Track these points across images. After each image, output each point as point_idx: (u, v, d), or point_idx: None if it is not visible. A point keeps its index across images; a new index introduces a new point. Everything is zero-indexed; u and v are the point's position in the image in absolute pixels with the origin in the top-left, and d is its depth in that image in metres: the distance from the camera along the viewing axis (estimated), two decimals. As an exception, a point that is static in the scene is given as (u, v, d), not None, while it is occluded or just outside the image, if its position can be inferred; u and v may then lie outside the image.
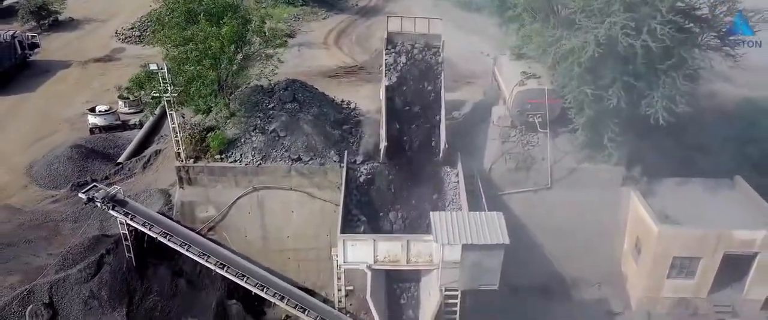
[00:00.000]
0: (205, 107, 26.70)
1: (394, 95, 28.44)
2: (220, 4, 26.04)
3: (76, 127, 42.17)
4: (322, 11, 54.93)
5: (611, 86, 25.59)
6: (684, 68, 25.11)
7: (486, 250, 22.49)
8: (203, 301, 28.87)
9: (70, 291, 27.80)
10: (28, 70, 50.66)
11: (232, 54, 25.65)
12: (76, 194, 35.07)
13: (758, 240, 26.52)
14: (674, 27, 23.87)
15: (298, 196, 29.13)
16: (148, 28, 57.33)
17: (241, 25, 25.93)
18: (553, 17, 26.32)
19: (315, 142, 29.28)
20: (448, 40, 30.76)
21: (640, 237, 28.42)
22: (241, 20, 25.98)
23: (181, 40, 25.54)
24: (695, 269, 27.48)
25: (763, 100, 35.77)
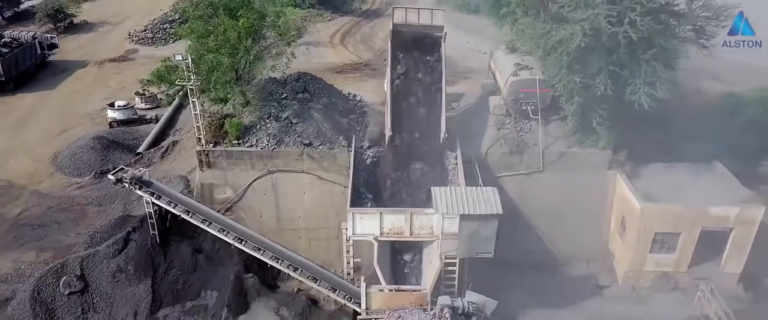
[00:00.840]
0: (223, 95, 29.16)
1: (399, 86, 30.91)
2: (237, 1, 28.71)
3: (95, 121, 44.68)
4: (328, 13, 57.74)
5: (598, 74, 28.10)
6: (663, 57, 27.62)
7: (482, 220, 24.91)
8: (221, 275, 31.26)
9: (99, 265, 30.20)
10: (47, 70, 53.31)
11: (248, 45, 28.19)
12: (100, 181, 37.93)
13: (732, 216, 28.97)
14: (653, 19, 26.42)
15: (309, 178, 31.64)
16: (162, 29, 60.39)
17: (257, 19, 28.58)
18: (544, 12, 28.92)
19: (324, 128, 31.85)
20: (448, 39, 33.34)
21: (625, 216, 30.88)
22: (256, 14, 28.62)
23: (203, 31, 28.18)
24: (675, 244, 29.90)
25: (743, 94, 38.16)
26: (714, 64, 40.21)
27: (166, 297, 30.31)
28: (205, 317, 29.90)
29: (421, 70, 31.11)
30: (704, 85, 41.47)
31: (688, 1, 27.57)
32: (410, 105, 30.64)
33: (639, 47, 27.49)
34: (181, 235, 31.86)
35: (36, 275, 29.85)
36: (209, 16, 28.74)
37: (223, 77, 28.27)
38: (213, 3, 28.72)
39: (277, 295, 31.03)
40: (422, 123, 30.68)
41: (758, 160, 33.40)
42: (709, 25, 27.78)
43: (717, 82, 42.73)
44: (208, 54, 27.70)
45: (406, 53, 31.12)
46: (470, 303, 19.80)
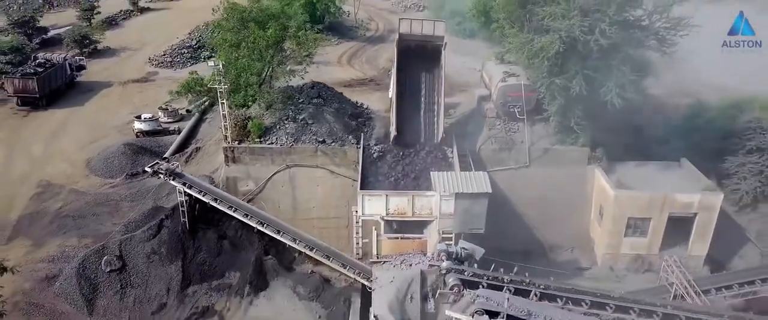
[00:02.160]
0: (253, 94, 33.76)
1: (403, 89, 35.57)
2: (266, 15, 33.64)
3: (122, 132, 49.18)
4: (335, 39, 63.04)
5: (574, 77, 32.73)
6: (631, 62, 32.31)
7: (474, 198, 29.17)
8: (243, 259, 35.26)
9: (136, 247, 34.29)
10: (76, 89, 58.13)
11: (272, 54, 32.97)
12: (131, 181, 42.31)
13: (695, 202, 33.21)
14: (620, 29, 31.21)
15: (322, 173, 35.97)
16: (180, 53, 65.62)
17: (281, 29, 33.47)
18: (527, 23, 33.75)
19: (336, 128, 36.38)
20: (447, 60, 37.87)
21: (602, 204, 35.10)
22: (281, 26, 33.51)
23: (235, 41, 33.02)
24: (647, 228, 34.04)
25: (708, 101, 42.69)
26: (693, 85, 45.14)
27: (194, 276, 34.27)
28: (229, 293, 33.80)
29: (423, 75, 35.77)
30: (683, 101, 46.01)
31: (650, 13, 32.39)
32: (412, 107, 35.20)
33: (609, 54, 32.16)
34: (207, 223, 35.99)
35: (80, 255, 33.95)
36: (240, 28, 33.63)
37: (250, 79, 32.87)
38: (244, 17, 33.68)
39: (293, 275, 34.96)
40: (423, 123, 35.20)
41: (721, 158, 37.58)
42: (669, 35, 32.45)
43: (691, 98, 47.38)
44: (239, 59, 32.40)
45: (410, 60, 35.78)
46: (463, 249, 23.82)
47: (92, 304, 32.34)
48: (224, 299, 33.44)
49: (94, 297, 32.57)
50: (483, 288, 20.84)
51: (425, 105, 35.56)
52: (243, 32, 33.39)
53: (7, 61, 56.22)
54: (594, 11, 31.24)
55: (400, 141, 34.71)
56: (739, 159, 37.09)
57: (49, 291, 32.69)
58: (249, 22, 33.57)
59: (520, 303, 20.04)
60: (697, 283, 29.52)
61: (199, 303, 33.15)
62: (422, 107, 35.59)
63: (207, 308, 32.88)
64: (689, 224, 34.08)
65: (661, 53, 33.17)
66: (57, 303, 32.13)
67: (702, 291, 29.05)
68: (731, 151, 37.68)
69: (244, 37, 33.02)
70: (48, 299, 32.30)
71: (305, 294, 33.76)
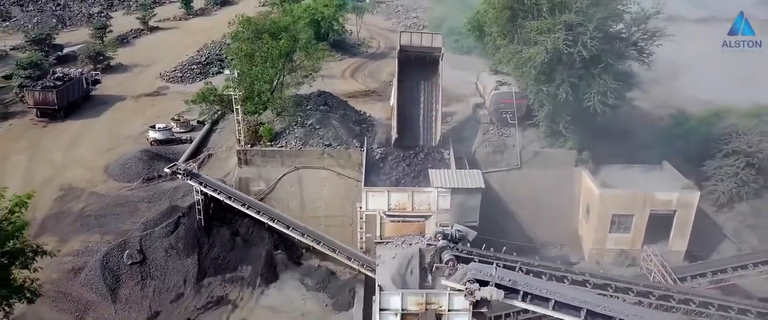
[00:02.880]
0: (265, 100, 36.95)
1: (404, 96, 38.76)
2: (278, 27, 36.99)
3: (137, 141, 52.26)
4: (338, 55, 66.58)
5: (560, 85, 35.94)
6: (612, 71, 35.52)
7: (468, 193, 32.17)
8: (254, 254, 38.06)
9: (155, 242, 37.12)
10: (91, 102, 61.34)
11: (283, 63, 36.26)
12: (147, 185, 45.25)
13: (674, 200, 36.18)
14: (601, 41, 34.48)
15: (328, 174, 38.96)
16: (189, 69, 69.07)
17: (292, 41, 36.82)
18: (516, 36, 37.02)
19: (341, 133, 39.49)
20: (446, 74, 41.06)
21: (589, 203, 38.04)
22: (292, 38, 36.84)
23: (249, 50, 36.33)
24: (630, 225, 36.94)
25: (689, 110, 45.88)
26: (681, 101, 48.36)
27: (209, 269, 37.04)
28: (242, 285, 36.54)
29: (422, 84, 39.00)
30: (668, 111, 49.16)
31: (628, 26, 35.72)
32: (412, 112, 38.37)
33: (591, 64, 35.40)
34: (221, 221, 38.90)
35: (103, 250, 36.77)
36: (254, 39, 36.97)
37: (263, 86, 36.11)
38: (258, 28, 37.04)
39: (301, 269, 37.76)
40: (422, 127, 38.36)
41: (700, 162, 40.62)
42: (647, 45, 35.73)
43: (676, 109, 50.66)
44: (254, 68, 35.69)
45: (410, 69, 39.02)
46: (457, 231, 26.65)
47: (115, 293, 35.05)
48: (237, 289, 36.17)
49: (117, 287, 35.30)
50: (474, 263, 23.67)
51: (424, 110, 38.73)
52: (257, 43, 36.71)
53: (26, 76, 59.50)
54: (577, 25, 34.52)
55: (400, 143, 37.78)
56: (716, 162, 40.07)
57: (75, 281, 35.44)
58: (263, 34, 36.94)
59: (507, 274, 22.86)
60: (674, 271, 32.29)
61: (214, 293, 35.85)
62: (421, 112, 38.77)
63: (221, 298, 35.58)
64: (669, 221, 36.97)
65: (640, 62, 36.33)
66: (83, 292, 34.87)
67: (678, 278, 31.80)
68: (710, 155, 40.70)
69: (258, 47, 36.33)
70: (74, 288, 35.04)
71: (312, 286, 36.53)
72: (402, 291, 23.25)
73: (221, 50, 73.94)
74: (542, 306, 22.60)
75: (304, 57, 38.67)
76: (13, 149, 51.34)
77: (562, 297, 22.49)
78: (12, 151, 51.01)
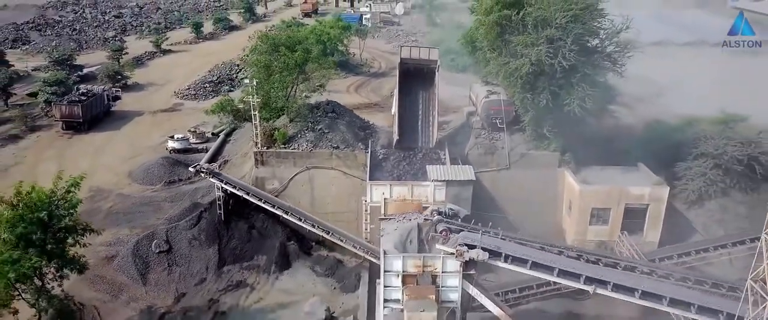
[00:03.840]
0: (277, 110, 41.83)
1: (405, 104, 43.64)
2: (293, 41, 42.13)
3: (156, 151, 57.12)
4: (343, 73, 71.86)
5: (542, 93, 40.76)
6: (589, 80, 40.36)
7: (461, 185, 36.79)
8: (269, 245, 42.50)
9: (179, 234, 41.60)
10: (111, 116, 66.49)
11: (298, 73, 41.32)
12: (169, 187, 49.90)
13: (646, 194, 40.67)
14: (578, 53, 39.40)
15: (336, 174, 43.54)
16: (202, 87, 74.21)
17: (305, 53, 41.91)
18: (504, 50, 41.96)
19: (348, 137, 44.27)
20: (442, 89, 45.87)
21: (571, 199, 42.52)
22: (305, 51, 41.95)
23: (267, 61, 41.41)
24: (608, 217, 41.31)
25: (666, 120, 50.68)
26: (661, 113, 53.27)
27: (228, 258, 41.44)
28: (258, 272, 40.89)
29: (421, 92, 43.95)
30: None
31: (602, 40, 40.77)
32: (412, 117, 43.24)
33: (570, 73, 40.27)
34: (239, 216, 43.46)
35: (133, 240, 41.23)
36: (272, 52, 42.12)
37: (280, 92, 41.08)
38: (275, 42, 42.21)
39: (311, 258, 42.22)
40: (420, 130, 43.19)
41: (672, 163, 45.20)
42: (619, 56, 40.71)
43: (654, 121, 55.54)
44: (272, 76, 40.72)
45: (410, 79, 43.94)
46: (450, 209, 31.08)
47: (145, 277, 39.42)
48: (254, 275, 40.54)
49: (146, 272, 39.68)
50: (464, 231, 28.16)
51: (422, 116, 43.57)
52: (274, 55, 41.79)
53: (52, 92, 64.74)
54: (557, 39, 39.51)
55: (401, 145, 42.51)
56: (687, 164, 44.55)
57: (110, 267, 39.88)
58: (279, 47, 42.04)
59: (491, 240, 27.34)
60: (644, 255, 36.65)
61: (233, 278, 40.21)
62: (420, 118, 43.59)
63: (240, 282, 39.92)
64: (643, 214, 41.43)
65: (613, 72, 41.28)
66: (117, 276, 39.26)
67: (647, 260, 36.14)
68: (681, 158, 45.30)
69: (275, 58, 41.41)
70: (109, 273, 39.44)
71: (322, 272, 40.94)
72: (403, 255, 27.73)
73: (231, 70, 79.44)
74: (521, 266, 27.15)
75: (315, 68, 43.63)
76: (42, 158, 56.16)
77: (538, 259, 27.01)
78: (41, 159, 55.83)
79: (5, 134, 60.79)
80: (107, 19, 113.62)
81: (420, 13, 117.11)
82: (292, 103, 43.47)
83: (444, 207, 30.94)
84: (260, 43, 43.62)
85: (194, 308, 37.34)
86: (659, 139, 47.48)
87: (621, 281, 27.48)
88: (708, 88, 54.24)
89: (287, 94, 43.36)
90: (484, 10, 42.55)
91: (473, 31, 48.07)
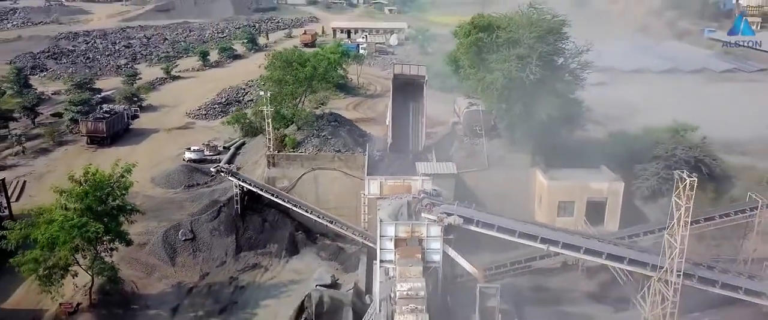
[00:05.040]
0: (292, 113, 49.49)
1: (397, 113, 51.33)
2: (303, 58, 50.13)
3: (174, 161, 64.38)
4: (342, 94, 79.90)
5: (516, 103, 48.49)
6: (554, 92, 48.15)
7: (444, 178, 44.17)
8: (279, 235, 49.55)
9: (202, 225, 48.68)
10: (130, 133, 73.89)
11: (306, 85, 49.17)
12: (189, 190, 57.13)
13: (605, 188, 48.06)
14: (544, 68, 47.26)
15: (338, 174, 50.88)
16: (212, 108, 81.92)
17: (313, 69, 49.85)
18: (482, 66, 49.82)
19: (348, 142, 51.84)
20: (431, 106, 53.51)
21: (541, 194, 49.88)
22: (313, 67, 49.92)
23: (281, 76, 49.28)
24: (573, 209, 48.53)
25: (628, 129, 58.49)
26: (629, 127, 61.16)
27: (245, 246, 48.41)
28: (271, 257, 47.85)
29: (411, 103, 51.71)
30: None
31: (566, 58, 48.74)
32: (403, 124, 50.90)
33: (539, 86, 48.07)
34: (253, 210, 50.61)
35: (162, 230, 48.26)
36: (285, 67, 50.05)
37: (291, 102, 48.83)
38: (288, 59, 50.19)
39: (317, 245, 49.32)
40: (410, 136, 50.80)
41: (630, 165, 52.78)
42: (580, 73, 48.62)
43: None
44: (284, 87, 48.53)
45: (402, 92, 51.70)
46: (434, 190, 38.27)
47: (174, 260, 46.34)
48: (267, 259, 47.54)
49: (174, 256, 46.61)
50: (445, 204, 35.47)
51: (412, 123, 51.21)
52: (286, 70, 49.74)
53: (77, 111, 72.24)
54: (525, 57, 47.45)
55: (394, 148, 50.04)
56: (643, 165, 52.22)
57: (143, 251, 46.76)
58: (292, 63, 50.04)
59: (465, 210, 34.60)
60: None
61: (249, 261, 47.16)
62: (410, 125, 51.23)
63: (256, 264, 46.87)
64: (603, 207, 48.75)
65: (575, 85, 49.16)
66: (149, 259, 46.17)
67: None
68: (638, 160, 52.90)
69: (287, 73, 49.35)
70: (142, 256, 46.33)
71: (326, 256, 47.98)
72: (395, 223, 34.89)
73: (238, 94, 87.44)
74: (489, 230, 34.39)
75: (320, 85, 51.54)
76: (71, 166, 62.91)
77: (502, 223, 34.31)
78: (71, 167, 62.59)
79: (36, 147, 68.06)
80: (117, 49, 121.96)
81: (413, 44, 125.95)
82: (300, 112, 51.10)
83: (429, 189, 38.25)
84: (275, 60, 51.57)
85: (217, 283, 44.23)
86: (621, 146, 55.22)
87: (569, 241, 34.73)
88: (674, 108, 62.37)
89: (296, 104, 51.05)
90: (464, 34, 50.62)
91: (456, 52, 56.09)
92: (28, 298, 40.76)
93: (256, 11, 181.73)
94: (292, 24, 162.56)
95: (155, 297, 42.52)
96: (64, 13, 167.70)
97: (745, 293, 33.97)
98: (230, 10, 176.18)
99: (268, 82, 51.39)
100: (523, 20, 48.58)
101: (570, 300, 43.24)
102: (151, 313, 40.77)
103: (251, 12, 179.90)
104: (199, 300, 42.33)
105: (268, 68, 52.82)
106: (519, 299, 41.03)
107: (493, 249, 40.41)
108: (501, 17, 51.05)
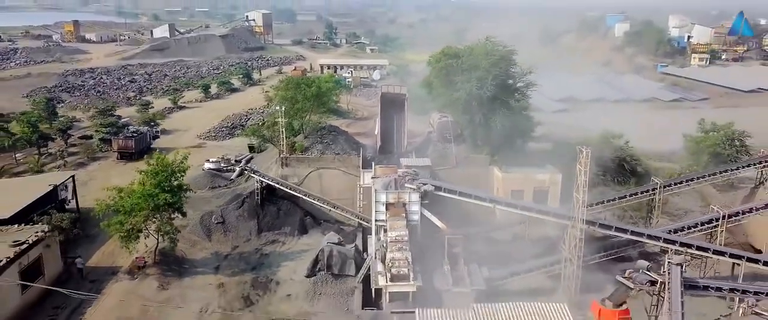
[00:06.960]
0: (301, 124, 64.60)
1: (384, 123, 66.73)
2: (310, 81, 65.57)
3: (196, 170, 78.67)
4: (334, 117, 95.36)
5: (476, 115, 64.18)
6: (507, 106, 63.91)
7: (421, 169, 59.24)
8: (291, 220, 63.92)
9: (230, 212, 63.00)
10: (151, 151, 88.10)
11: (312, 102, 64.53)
12: (212, 191, 71.60)
13: (547, 179, 63.42)
14: (498, 88, 63.08)
15: (337, 172, 65.77)
16: (221, 130, 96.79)
17: (318, 88, 65.27)
18: (450, 86, 65.54)
19: (346, 147, 67.00)
20: (409, 122, 69.23)
21: (498, 186, 65.07)
22: (318, 88, 65.37)
23: (291, 95, 64.62)
24: (522, 196, 63.57)
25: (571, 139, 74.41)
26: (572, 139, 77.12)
27: (264, 228, 62.64)
28: (286, 236, 62.15)
29: (395, 116, 67.20)
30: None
31: (514, 80, 64.78)
32: (389, 131, 66.26)
33: (494, 101, 63.85)
34: (269, 201, 65.06)
35: (198, 216, 62.48)
36: (294, 88, 65.42)
37: (301, 113, 64.05)
38: (297, 82, 65.55)
39: (322, 227, 63.75)
40: (395, 140, 66.14)
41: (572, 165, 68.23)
42: (525, 91, 64.60)
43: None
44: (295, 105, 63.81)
45: (387, 107, 67.17)
46: (414, 170, 53.37)
47: (210, 237, 60.42)
48: (283, 237, 61.82)
49: (210, 234, 60.72)
50: (423, 178, 50.62)
51: (396, 131, 66.59)
52: (296, 89, 65.13)
53: (106, 132, 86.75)
54: (483, 78, 63.35)
55: (382, 150, 65.26)
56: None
57: (185, 231, 60.75)
58: (300, 85, 65.50)
59: (436, 182, 49.72)
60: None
61: (269, 239, 61.40)
62: (395, 132, 66.59)
63: (274, 240, 61.11)
64: (547, 195, 64.00)
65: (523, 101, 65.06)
66: (191, 236, 60.14)
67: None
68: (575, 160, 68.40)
69: (297, 92, 64.74)
70: (184, 235, 60.21)
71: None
72: (386, 191, 49.74)
73: (241, 120, 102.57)
74: (452, 194, 49.47)
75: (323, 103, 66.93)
76: (108, 175, 77.41)
77: (462, 190, 49.44)
78: (108, 176, 77.01)
79: (74, 162, 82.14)
80: (123, 83, 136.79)
81: (395, 78, 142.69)
82: (307, 123, 66.27)
83: (410, 170, 53.41)
84: (287, 83, 66.97)
85: (246, 252, 58.38)
86: (564, 150, 70.96)
87: (510, 202, 49.92)
88: (621, 128, 78.68)
89: (304, 118, 66.30)
90: (436, 60, 66.67)
91: (429, 77, 72.07)
92: (105, 258, 54.64)
93: (246, 50, 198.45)
94: (281, 61, 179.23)
95: (200, 261, 56.48)
96: (64, 53, 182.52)
97: (631, 234, 49.18)
98: (222, 50, 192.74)
99: (282, 100, 66.68)
100: (481, 50, 64.70)
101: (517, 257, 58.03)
102: (199, 270, 54.69)
103: (241, 51, 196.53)
104: (233, 263, 56.35)
105: (281, 89, 68.11)
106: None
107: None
108: (465, 48, 67.26)
